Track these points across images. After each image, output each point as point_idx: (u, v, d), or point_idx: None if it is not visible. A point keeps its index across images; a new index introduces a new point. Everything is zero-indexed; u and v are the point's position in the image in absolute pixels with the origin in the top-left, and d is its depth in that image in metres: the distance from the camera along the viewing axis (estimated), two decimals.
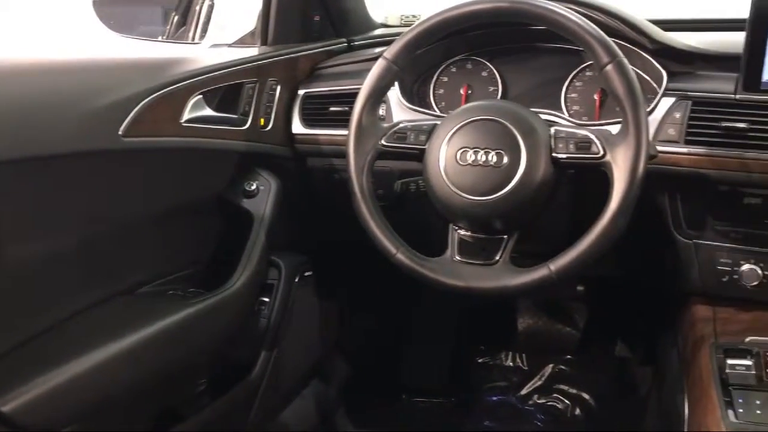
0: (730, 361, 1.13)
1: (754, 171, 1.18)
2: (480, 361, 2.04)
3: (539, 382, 1.95)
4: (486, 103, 1.24)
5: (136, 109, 1.16)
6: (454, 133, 1.17)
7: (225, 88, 1.36)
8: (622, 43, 1.31)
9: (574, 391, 1.91)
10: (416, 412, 1.94)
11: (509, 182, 1.12)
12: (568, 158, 1.13)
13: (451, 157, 1.16)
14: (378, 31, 1.76)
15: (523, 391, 1.96)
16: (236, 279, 1.33)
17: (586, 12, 1.26)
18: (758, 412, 1.04)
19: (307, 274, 1.59)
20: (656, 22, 1.33)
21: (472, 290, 1.15)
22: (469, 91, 1.47)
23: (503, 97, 1.45)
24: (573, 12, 1.12)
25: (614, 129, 1.13)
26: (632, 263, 1.47)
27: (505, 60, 1.47)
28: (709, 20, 1.45)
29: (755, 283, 1.23)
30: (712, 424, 1.04)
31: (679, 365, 1.27)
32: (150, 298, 1.27)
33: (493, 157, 1.14)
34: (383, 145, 1.23)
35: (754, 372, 1.11)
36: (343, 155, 1.24)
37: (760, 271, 1.23)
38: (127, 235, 1.23)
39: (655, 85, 1.29)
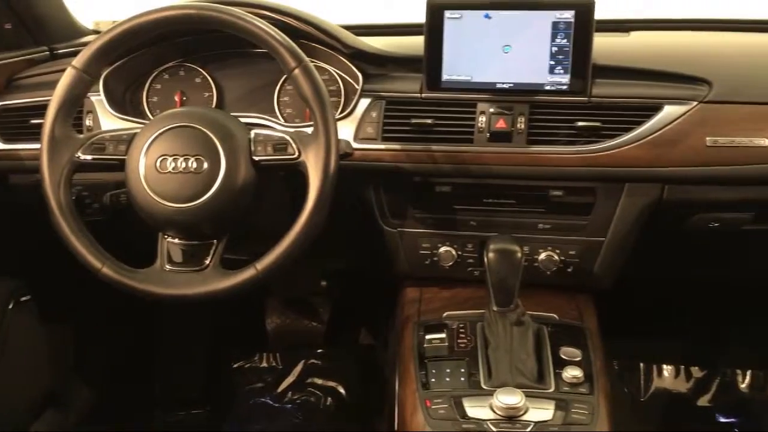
0: (428, 336, 1.25)
1: (441, 162, 1.31)
2: (235, 365, 2.05)
3: (292, 379, 2.00)
4: (184, 109, 1.24)
5: None
6: (152, 141, 1.16)
7: None
8: (321, 47, 1.38)
9: (325, 383, 1.98)
10: (170, 426, 1.90)
11: (211, 187, 1.14)
12: (267, 160, 1.17)
13: (150, 165, 1.15)
14: (88, 38, 1.68)
15: (279, 390, 1.99)
16: None
17: (279, 19, 1.31)
18: (447, 379, 1.16)
19: (24, 299, 1.48)
20: (348, 28, 1.41)
21: (182, 297, 1.16)
22: (184, 98, 1.46)
23: (218, 102, 1.46)
24: (260, 20, 1.16)
25: (311, 130, 1.19)
26: (351, 254, 1.55)
27: (219, 66, 1.48)
28: (394, 25, 1.56)
29: (451, 263, 1.37)
30: (410, 396, 1.14)
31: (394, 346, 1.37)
32: None
33: (193, 164, 1.15)
34: (81, 158, 1.19)
35: (447, 344, 1.23)
36: None
37: (454, 252, 1.36)
38: None
39: (356, 86, 1.37)
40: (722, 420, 1.87)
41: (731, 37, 1.53)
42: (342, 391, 1.97)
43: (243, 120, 1.33)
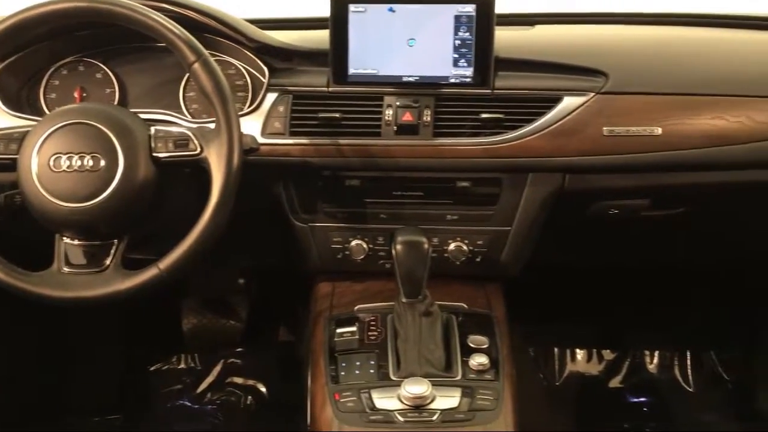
0: (339, 330, 1.25)
1: (350, 156, 1.31)
2: (152, 368, 2.00)
3: (212, 379, 1.97)
4: (78, 106, 1.21)
5: None
6: (45, 139, 1.12)
7: None
8: (226, 41, 1.36)
9: (245, 381, 1.96)
10: None
11: (108, 186, 1.11)
12: (168, 157, 1.15)
13: (44, 164, 1.11)
14: None
15: (198, 391, 1.96)
16: None
17: (179, 12, 1.28)
18: (357, 372, 1.16)
19: None
20: (253, 21, 1.39)
21: (81, 300, 1.13)
22: (84, 94, 1.41)
23: (121, 99, 1.42)
24: (156, 12, 1.13)
25: (214, 125, 1.17)
26: (266, 251, 1.54)
27: (121, 61, 1.43)
28: (300, 19, 1.55)
29: (362, 257, 1.37)
30: (320, 390, 1.14)
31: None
32: None
33: (89, 161, 1.11)
34: None
35: (357, 337, 1.23)
36: None
37: (365, 246, 1.37)
38: None
39: (263, 80, 1.36)
40: (633, 400, 1.95)
41: (629, 30, 1.58)
42: (263, 389, 1.95)
43: (146, 116, 1.30)
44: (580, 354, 2.01)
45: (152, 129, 1.17)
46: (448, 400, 1.08)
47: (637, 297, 2.00)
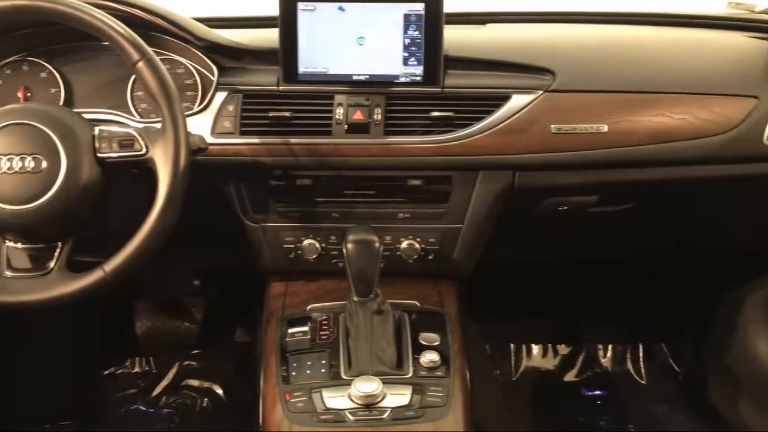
0: (290, 330, 1.25)
1: (301, 155, 1.30)
2: (106, 372, 1.97)
3: (167, 382, 1.95)
4: (18, 106, 1.18)
5: None
6: None
7: None
8: (173, 40, 1.34)
9: (201, 384, 1.94)
10: None
11: (51, 187, 1.09)
12: (113, 158, 1.13)
13: None
14: None
15: (153, 395, 1.93)
16: None
17: (125, 10, 1.26)
18: (308, 372, 1.16)
19: None
20: (202, 20, 1.38)
21: (23, 304, 1.10)
22: (28, 94, 1.38)
23: (67, 99, 1.39)
24: (98, 10, 1.11)
25: (160, 125, 1.15)
26: (220, 252, 1.52)
27: (67, 60, 1.40)
28: (250, 18, 1.54)
29: (315, 256, 1.37)
30: (270, 391, 1.14)
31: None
32: None
33: (30, 163, 1.09)
34: None
35: (309, 336, 1.23)
36: None
37: (317, 245, 1.36)
38: None
39: (212, 79, 1.34)
40: (587, 393, 1.98)
41: (577, 29, 1.60)
42: (219, 391, 1.93)
43: (93, 116, 1.28)
44: (535, 349, 2.03)
45: (96, 129, 1.15)
46: (398, 397, 1.08)
47: (591, 291, 2.03)
